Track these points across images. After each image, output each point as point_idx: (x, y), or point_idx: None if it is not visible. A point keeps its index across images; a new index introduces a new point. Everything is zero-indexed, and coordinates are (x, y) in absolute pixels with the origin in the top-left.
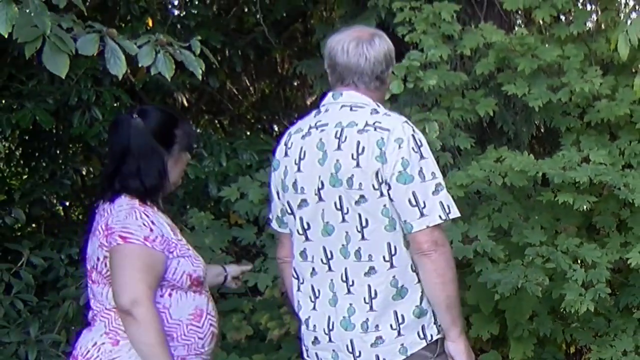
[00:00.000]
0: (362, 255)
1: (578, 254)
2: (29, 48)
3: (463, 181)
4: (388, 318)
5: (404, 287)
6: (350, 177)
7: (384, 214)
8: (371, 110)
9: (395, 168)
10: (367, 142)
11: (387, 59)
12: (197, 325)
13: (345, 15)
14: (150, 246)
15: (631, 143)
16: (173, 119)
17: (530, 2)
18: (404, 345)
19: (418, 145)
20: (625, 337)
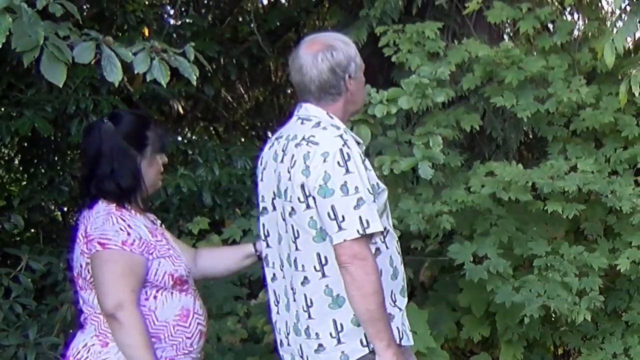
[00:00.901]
0: (298, 265)
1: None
2: (27, 57)
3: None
4: (327, 326)
5: (340, 296)
6: (285, 189)
7: (311, 225)
8: (315, 123)
9: (317, 181)
10: (298, 156)
11: (336, 71)
12: (184, 325)
13: (337, 25)
14: (129, 250)
15: (616, 150)
16: (144, 122)
17: (515, 13)
18: (344, 352)
19: (345, 160)
20: (614, 340)
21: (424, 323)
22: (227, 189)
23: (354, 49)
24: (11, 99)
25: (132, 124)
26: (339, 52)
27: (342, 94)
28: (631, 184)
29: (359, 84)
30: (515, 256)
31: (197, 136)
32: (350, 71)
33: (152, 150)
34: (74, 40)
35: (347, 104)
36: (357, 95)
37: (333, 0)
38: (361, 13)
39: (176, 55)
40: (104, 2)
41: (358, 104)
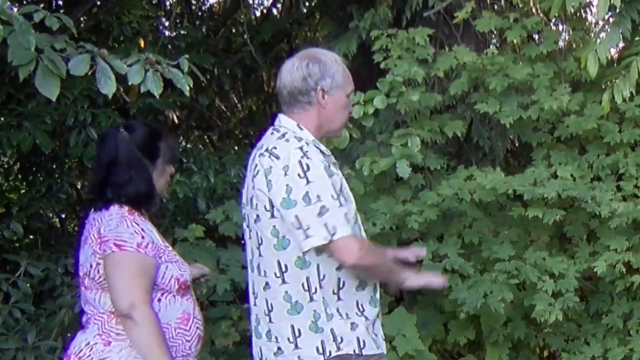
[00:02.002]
0: (261, 270)
1: (546, 266)
2: (22, 71)
3: (433, 200)
4: (286, 331)
5: (299, 302)
6: (251, 197)
7: (273, 234)
8: (281, 135)
9: (280, 195)
10: (261, 167)
11: (308, 82)
12: (185, 329)
13: (328, 36)
14: (144, 252)
15: (599, 156)
16: (157, 133)
17: (502, 23)
18: (300, 357)
19: (304, 171)
20: (595, 342)
21: (412, 326)
22: (222, 195)
23: (339, 70)
24: (10, 110)
25: (146, 135)
26: (316, 65)
27: (313, 105)
28: (613, 189)
29: (337, 103)
30: (484, 258)
31: (192, 145)
32: (323, 84)
33: (163, 161)
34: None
35: (322, 119)
36: (332, 113)
37: (324, 12)
38: (351, 24)
39: (170, 66)
40: (101, 15)
41: (335, 123)
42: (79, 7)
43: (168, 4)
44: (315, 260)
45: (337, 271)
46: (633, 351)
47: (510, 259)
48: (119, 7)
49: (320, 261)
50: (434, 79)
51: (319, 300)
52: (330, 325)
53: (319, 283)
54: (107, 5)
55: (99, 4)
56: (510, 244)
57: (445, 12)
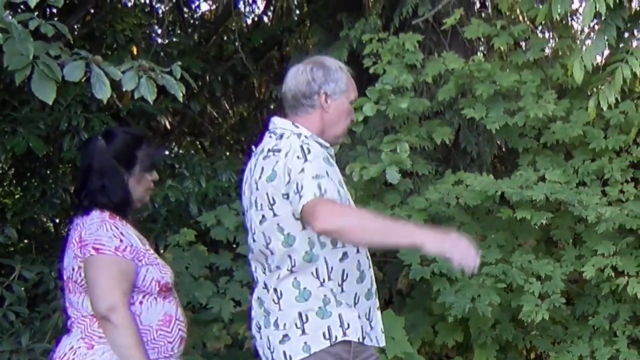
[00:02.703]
0: (272, 267)
1: (533, 269)
2: (18, 75)
3: (421, 205)
4: (293, 318)
5: (307, 289)
6: (255, 199)
7: (279, 231)
8: (279, 135)
9: (284, 179)
10: (267, 167)
11: (312, 86)
12: (167, 330)
13: (318, 44)
14: (121, 255)
15: (584, 162)
16: (136, 141)
17: (490, 30)
18: (307, 343)
19: (304, 153)
20: (581, 343)
21: (401, 329)
22: (213, 200)
23: (343, 77)
24: (5, 116)
25: (123, 143)
26: (320, 70)
27: (316, 108)
28: (598, 194)
29: (340, 108)
30: None
31: (184, 150)
32: (327, 89)
33: (140, 169)
34: (65, 59)
35: (325, 123)
36: (335, 118)
37: (314, 20)
38: (341, 33)
39: (163, 73)
40: (94, 22)
41: (337, 128)
42: (73, 15)
43: (160, 12)
44: (322, 254)
45: (340, 262)
46: (619, 352)
47: (498, 263)
48: (112, 15)
49: (326, 254)
50: (422, 85)
51: (328, 287)
52: (339, 311)
53: (327, 275)
54: (101, 14)
55: (92, 12)
56: (498, 248)
57: (434, 20)
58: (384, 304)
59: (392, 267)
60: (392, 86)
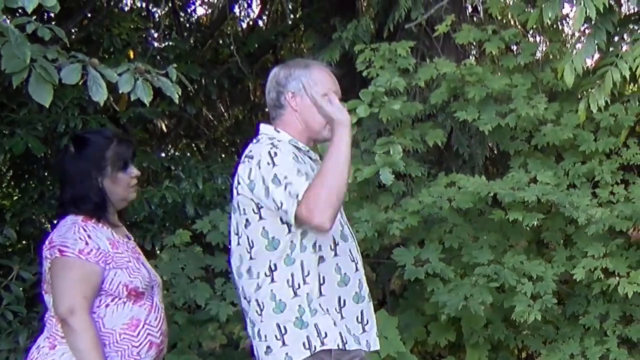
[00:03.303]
0: (253, 273)
1: (524, 270)
2: (16, 78)
3: (414, 207)
4: (272, 329)
5: (282, 301)
6: (237, 204)
7: (263, 235)
8: (257, 139)
9: (262, 188)
10: (242, 173)
11: (277, 89)
12: (132, 335)
13: (312, 48)
14: (85, 259)
15: (575, 164)
16: (104, 143)
17: (481, 35)
18: (288, 354)
19: (272, 157)
20: (572, 342)
21: (394, 329)
22: (209, 201)
23: (307, 72)
24: (4, 118)
25: (91, 147)
26: (282, 71)
27: (286, 108)
28: (588, 196)
29: (309, 104)
30: (464, 262)
31: (180, 153)
32: (290, 88)
33: (112, 169)
34: (62, 62)
35: (302, 121)
36: (308, 114)
37: (308, 25)
38: (334, 36)
39: (159, 75)
40: (91, 26)
41: (313, 123)
42: (70, 19)
43: (157, 17)
44: (299, 257)
45: (317, 267)
46: (609, 351)
47: (490, 264)
48: (109, 20)
49: (304, 257)
50: (415, 88)
51: (303, 296)
52: (315, 320)
53: (302, 279)
54: (98, 18)
55: (89, 17)
56: (490, 249)
57: (427, 25)
58: (378, 304)
59: (385, 268)
60: (385, 89)
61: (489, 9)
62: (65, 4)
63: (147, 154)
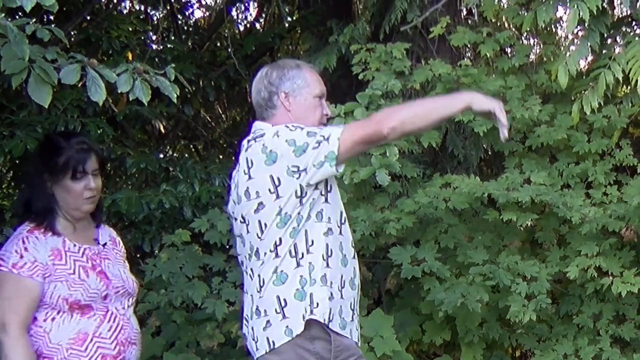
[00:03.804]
0: (260, 253)
1: (519, 270)
2: (15, 79)
3: (410, 208)
4: (272, 303)
5: (283, 272)
6: (246, 190)
7: (277, 212)
8: (261, 133)
9: (286, 149)
10: (254, 155)
11: (269, 89)
12: (79, 349)
13: (309, 50)
14: (17, 273)
15: (569, 165)
16: (61, 147)
17: (476, 37)
18: (288, 327)
19: (295, 126)
20: (566, 341)
21: (390, 328)
22: (207, 203)
23: (300, 73)
24: (3, 120)
25: (41, 151)
26: (275, 71)
27: (278, 108)
28: (582, 197)
29: (303, 104)
30: (458, 262)
31: (178, 154)
32: (283, 88)
33: (63, 177)
34: (61, 63)
35: (293, 122)
36: (301, 114)
37: (305, 27)
38: (330, 39)
39: (157, 75)
40: (90, 29)
41: (308, 123)
42: (69, 21)
43: (155, 19)
44: (304, 227)
45: (324, 236)
46: (603, 350)
47: (485, 263)
48: (108, 22)
49: (308, 227)
50: (410, 90)
51: (305, 266)
52: (311, 290)
53: (306, 249)
54: (97, 20)
55: (88, 19)
56: (484, 249)
57: (422, 27)
58: (373, 303)
59: (380, 267)
60: (382, 91)
61: (484, 12)
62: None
63: (145, 155)
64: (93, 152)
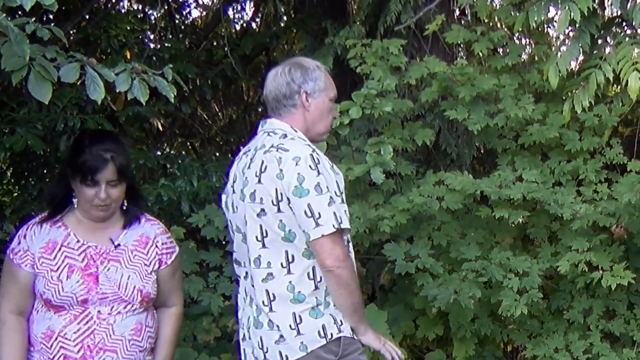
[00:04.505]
0: (262, 262)
1: (511, 265)
2: (15, 76)
3: (404, 205)
4: (287, 319)
5: (301, 292)
6: (253, 192)
7: (280, 227)
8: (282, 135)
9: (292, 183)
10: (270, 161)
11: (292, 86)
12: (46, 345)
13: (304, 49)
14: (11, 257)
15: (560, 163)
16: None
17: (470, 36)
18: (303, 343)
19: (315, 163)
20: (557, 336)
21: (384, 323)
22: (204, 199)
23: (321, 75)
24: (4, 117)
25: (69, 147)
26: (299, 70)
27: (297, 108)
28: (573, 194)
29: (320, 106)
30: (452, 258)
31: (176, 151)
32: (306, 88)
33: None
34: (61, 62)
35: (308, 123)
36: (317, 116)
37: (300, 27)
38: (326, 40)
39: (155, 75)
40: (89, 28)
41: (319, 126)
42: (69, 21)
43: (153, 19)
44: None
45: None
46: (593, 345)
47: (477, 259)
48: (106, 21)
49: None
50: (405, 88)
51: (322, 289)
52: (330, 311)
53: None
54: (95, 19)
55: (87, 18)
56: (477, 245)
57: (416, 27)
58: (367, 299)
59: (374, 263)
60: (377, 91)
61: (477, 12)
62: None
63: (143, 152)
64: (111, 163)
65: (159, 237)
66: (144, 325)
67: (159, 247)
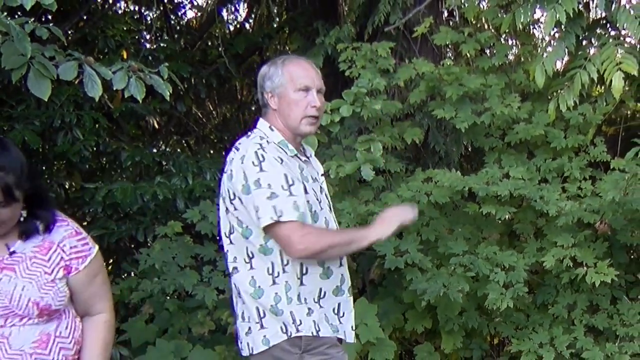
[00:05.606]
0: (230, 257)
1: (497, 260)
2: (15, 74)
3: (394, 201)
4: (252, 312)
5: (260, 287)
6: (222, 190)
7: (237, 224)
8: (248, 135)
9: (239, 182)
10: (228, 162)
11: (259, 88)
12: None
13: (297, 50)
14: None
15: (546, 160)
16: None
17: (458, 37)
18: (266, 337)
19: (259, 160)
20: (542, 330)
21: (374, 316)
22: (199, 196)
23: (279, 71)
24: (3, 114)
25: None
26: (262, 71)
27: (268, 107)
28: (559, 191)
29: (284, 101)
30: (440, 253)
31: (171, 149)
32: (266, 88)
33: None
34: (59, 60)
35: (283, 118)
36: (284, 111)
37: (293, 27)
38: (317, 40)
39: (151, 73)
40: (87, 28)
41: (290, 119)
42: (67, 21)
43: (149, 19)
44: (277, 247)
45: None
46: (577, 339)
47: (464, 254)
48: (103, 22)
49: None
50: (394, 88)
51: (281, 284)
52: (290, 309)
53: (282, 268)
54: (93, 20)
55: (85, 19)
56: (464, 241)
57: (404, 28)
58: (358, 293)
59: (364, 258)
60: (367, 89)
61: (465, 13)
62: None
63: (139, 149)
64: None
65: (67, 240)
66: (53, 336)
67: (66, 251)
